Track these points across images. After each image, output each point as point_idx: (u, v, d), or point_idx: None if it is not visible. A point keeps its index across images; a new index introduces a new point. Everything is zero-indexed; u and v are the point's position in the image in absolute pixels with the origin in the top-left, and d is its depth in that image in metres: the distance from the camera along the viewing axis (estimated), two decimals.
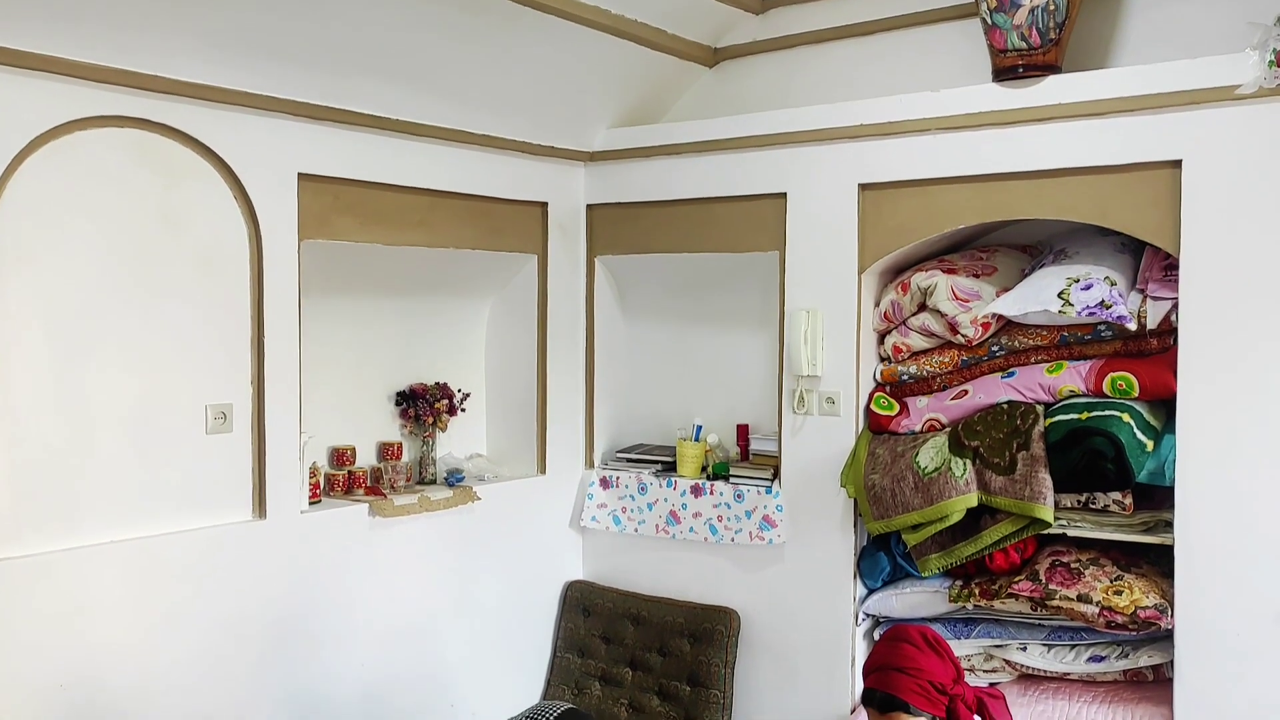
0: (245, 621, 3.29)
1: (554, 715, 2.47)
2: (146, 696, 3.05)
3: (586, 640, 4.31)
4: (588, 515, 4.40)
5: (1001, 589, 3.50)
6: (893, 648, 2.55)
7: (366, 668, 3.65)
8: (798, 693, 3.93)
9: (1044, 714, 3.40)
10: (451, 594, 3.95)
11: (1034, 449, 3.35)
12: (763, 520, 3.98)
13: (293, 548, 3.41)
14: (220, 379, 3.23)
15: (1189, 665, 3.17)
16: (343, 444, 3.85)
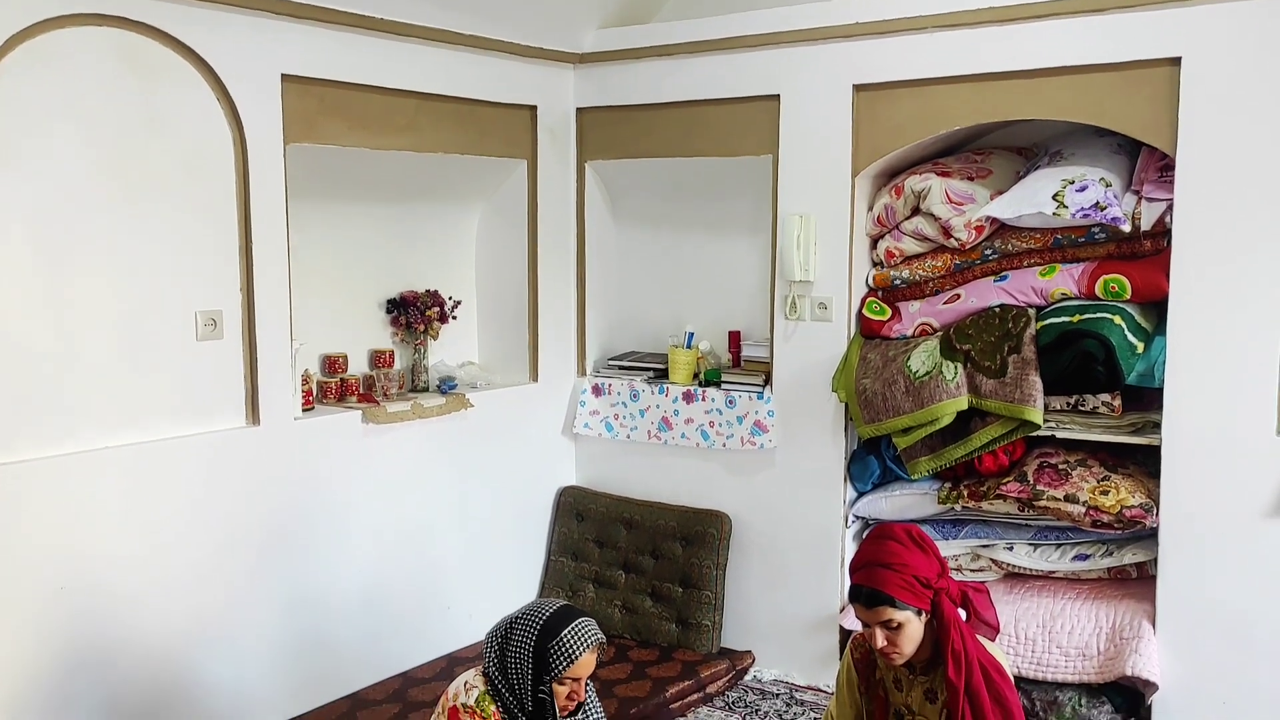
0: (242, 526, 3.32)
1: (550, 611, 2.51)
2: (145, 599, 3.10)
3: (580, 544, 4.37)
4: (580, 422, 4.42)
5: (989, 490, 3.55)
6: (878, 545, 2.58)
7: (363, 572, 3.71)
8: (788, 593, 4.01)
9: (1029, 611, 3.47)
10: (446, 499, 4.00)
11: (1025, 352, 3.37)
12: (754, 425, 4.01)
13: (287, 454, 3.43)
14: (209, 285, 3.21)
15: (1172, 562, 3.23)
16: (334, 352, 3.84)
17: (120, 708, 3.05)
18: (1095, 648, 3.32)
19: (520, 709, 2.47)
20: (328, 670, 3.59)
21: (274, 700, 3.43)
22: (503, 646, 2.48)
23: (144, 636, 3.10)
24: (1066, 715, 3.38)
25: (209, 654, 3.26)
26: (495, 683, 2.48)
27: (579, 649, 2.43)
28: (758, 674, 4.07)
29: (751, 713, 3.77)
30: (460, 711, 2.44)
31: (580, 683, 2.48)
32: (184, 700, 3.20)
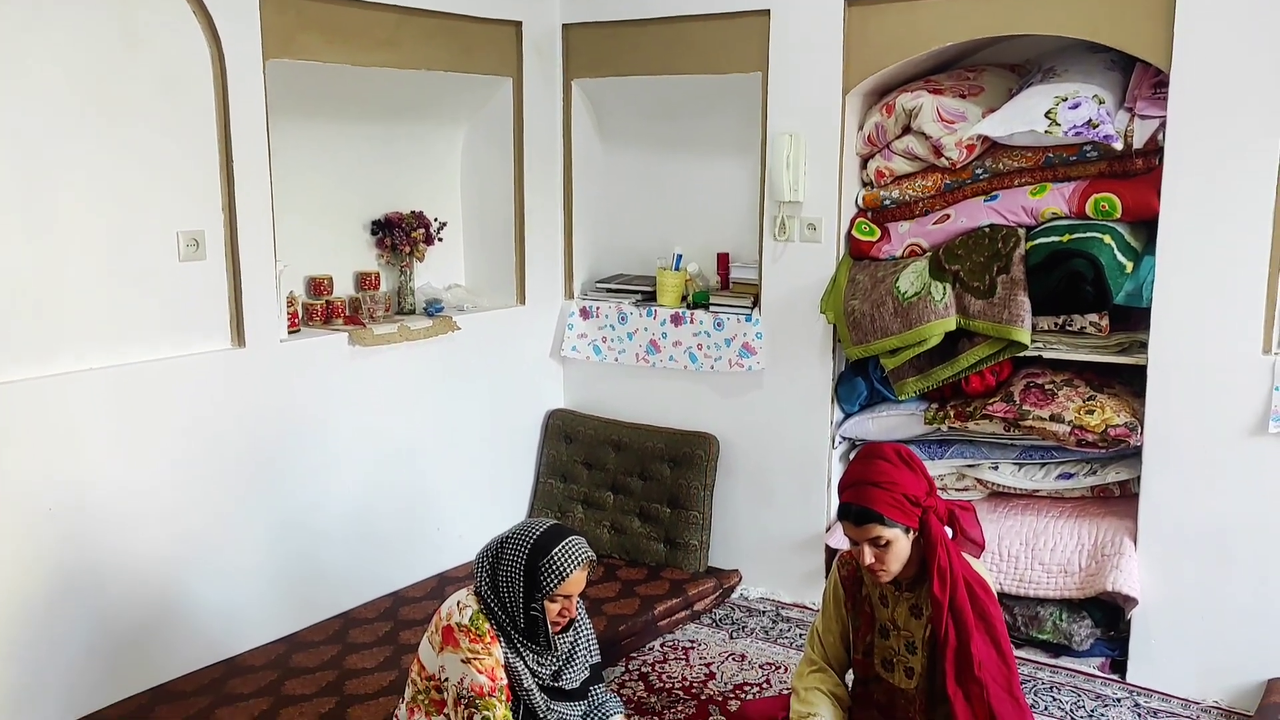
0: (229, 448, 3.32)
1: (541, 530, 2.52)
2: (134, 521, 3.10)
3: (569, 466, 4.39)
4: (568, 345, 4.41)
5: (976, 411, 3.57)
6: (867, 464, 2.60)
7: (352, 493, 3.72)
8: (775, 513, 4.05)
9: (1012, 529, 3.52)
10: (434, 422, 4.00)
11: (1014, 272, 3.36)
12: (742, 348, 4.01)
13: (273, 376, 3.42)
14: (190, 205, 3.16)
15: (1155, 481, 3.26)
16: (319, 274, 3.81)
17: (111, 629, 3.07)
18: (1077, 564, 3.37)
19: (513, 626, 2.50)
20: (319, 590, 3.62)
21: (266, 620, 3.46)
22: (494, 565, 2.50)
23: (133, 558, 3.11)
24: (1048, 630, 3.45)
25: (199, 575, 3.27)
26: (487, 601, 2.51)
27: (570, 567, 2.45)
28: (744, 592, 4.13)
29: (738, 629, 3.83)
30: (455, 630, 2.46)
31: (571, 600, 2.50)
32: (176, 621, 3.22)
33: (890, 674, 2.70)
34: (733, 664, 3.56)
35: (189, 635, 3.26)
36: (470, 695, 2.41)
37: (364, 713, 2.99)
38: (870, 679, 2.75)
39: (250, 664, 3.31)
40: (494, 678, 2.43)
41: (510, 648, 2.50)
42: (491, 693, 2.41)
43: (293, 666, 3.29)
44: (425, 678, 2.53)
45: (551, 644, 2.52)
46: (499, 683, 2.43)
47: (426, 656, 2.53)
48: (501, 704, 2.42)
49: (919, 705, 2.65)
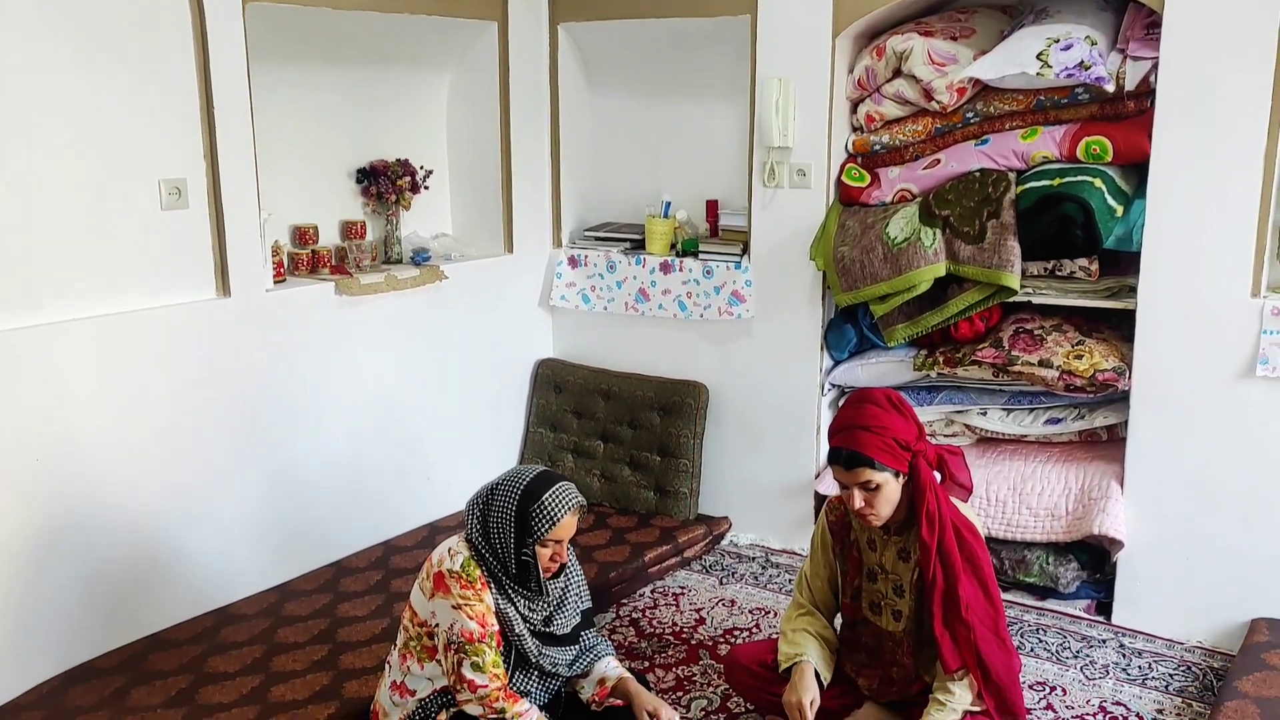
0: (217, 398, 3.30)
1: (531, 476, 2.52)
2: (123, 472, 3.09)
3: (558, 415, 4.39)
4: (556, 294, 4.39)
5: (965, 356, 3.57)
6: (858, 408, 2.60)
7: (342, 443, 3.71)
8: (764, 460, 4.06)
9: (1000, 474, 3.54)
10: (423, 372, 3.98)
11: (1004, 217, 3.34)
12: (731, 296, 3.99)
13: (259, 326, 3.39)
14: (171, 152, 3.11)
15: (1142, 425, 3.28)
16: (304, 223, 3.76)
17: (103, 579, 3.08)
18: (1064, 508, 3.40)
19: (504, 572, 2.51)
20: (310, 540, 3.63)
21: (258, 569, 3.47)
22: (485, 512, 2.50)
23: (123, 509, 3.10)
24: (1034, 573, 3.49)
25: (190, 525, 3.27)
26: (478, 548, 2.51)
27: (560, 512, 2.46)
28: (734, 539, 4.15)
29: (728, 575, 3.86)
30: (446, 577, 2.47)
31: (562, 545, 2.51)
32: (167, 571, 3.23)
33: (878, 617, 2.72)
34: (722, 609, 3.59)
35: (181, 585, 3.27)
36: (460, 641, 2.43)
37: (357, 659, 3.01)
38: (858, 622, 2.78)
39: (243, 613, 3.32)
40: (484, 624, 2.44)
41: (502, 594, 2.51)
42: (481, 639, 2.43)
43: (285, 615, 3.30)
44: (417, 624, 2.54)
45: (543, 589, 2.53)
46: (489, 629, 2.44)
47: (418, 603, 2.54)
48: (491, 649, 2.44)
49: (906, 647, 2.68)
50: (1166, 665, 3.17)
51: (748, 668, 2.86)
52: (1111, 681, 3.08)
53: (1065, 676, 3.11)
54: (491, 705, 2.42)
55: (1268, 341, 3.02)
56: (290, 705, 2.78)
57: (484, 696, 2.42)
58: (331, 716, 2.73)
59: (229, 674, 2.96)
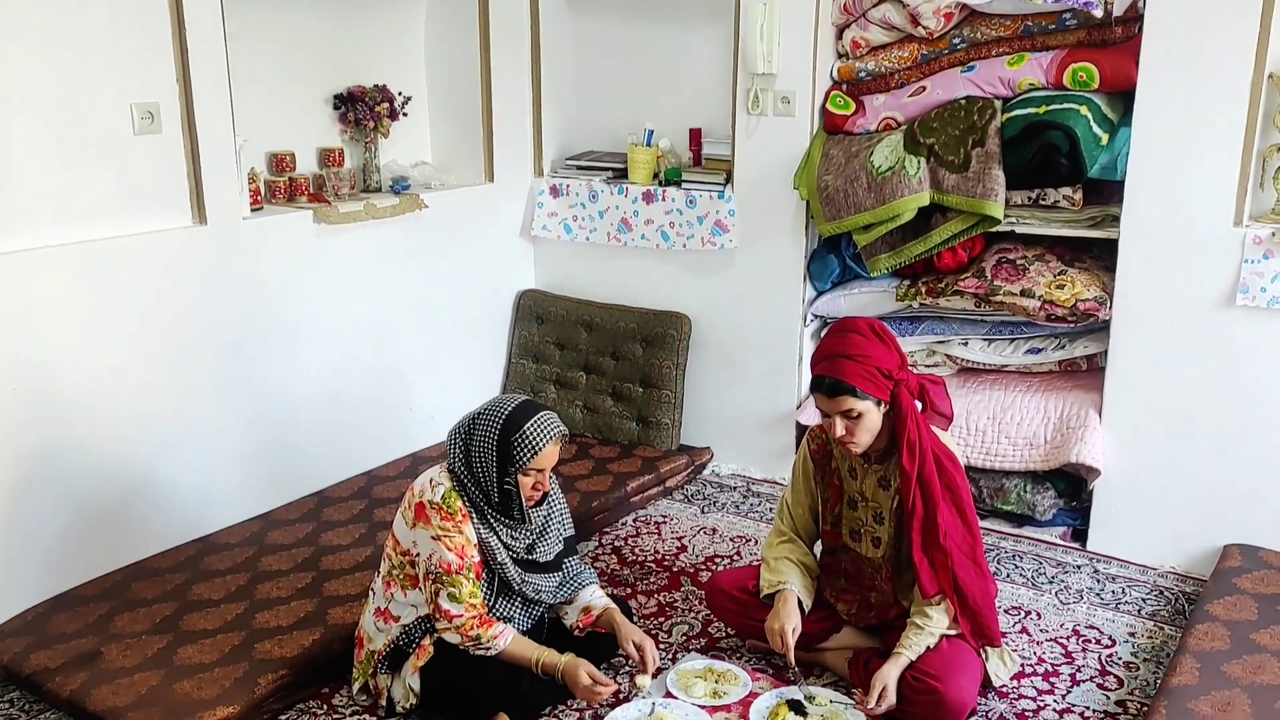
0: (196, 327, 3.28)
1: (512, 405, 2.52)
2: (102, 400, 3.07)
3: (541, 347, 4.38)
4: (538, 224, 4.35)
5: (947, 287, 3.57)
6: (841, 337, 2.60)
7: (323, 373, 3.70)
8: (746, 391, 4.07)
9: (980, 404, 3.56)
10: (404, 303, 3.96)
11: (989, 145, 3.32)
12: (715, 225, 3.96)
13: (237, 254, 3.35)
14: (143, 75, 3.04)
15: (1122, 354, 3.30)
16: (281, 150, 3.69)
17: (84, 508, 3.07)
18: (1042, 437, 3.43)
19: (487, 502, 2.52)
20: (292, 470, 3.63)
21: (240, 499, 3.47)
22: (467, 441, 2.50)
23: (103, 438, 3.09)
24: (1012, 501, 3.53)
25: (171, 455, 3.26)
26: (460, 478, 2.52)
27: (542, 441, 2.46)
28: (715, 469, 4.18)
29: (709, 504, 3.89)
30: (427, 507, 2.48)
31: (544, 474, 2.52)
32: (149, 500, 3.23)
33: (858, 544, 2.76)
34: (704, 537, 3.62)
35: (163, 514, 3.27)
36: (438, 571, 2.45)
37: (341, 587, 3.03)
38: (838, 549, 2.82)
39: (226, 541, 3.33)
40: (463, 555, 2.45)
41: (484, 523, 2.53)
42: (459, 570, 2.44)
43: (268, 544, 3.31)
44: (400, 552, 2.55)
45: (526, 517, 2.55)
46: (467, 560, 2.46)
47: (400, 531, 2.55)
48: (469, 580, 2.45)
49: (885, 573, 2.72)
50: (1139, 590, 3.23)
51: (729, 593, 2.89)
52: (1085, 606, 3.14)
53: (1040, 601, 3.17)
54: (467, 634, 2.46)
55: (1249, 271, 3.03)
56: (275, 631, 2.80)
57: (459, 626, 2.45)
58: (316, 642, 2.75)
59: (213, 601, 2.97)
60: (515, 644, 2.51)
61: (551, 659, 2.51)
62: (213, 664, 2.67)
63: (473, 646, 2.47)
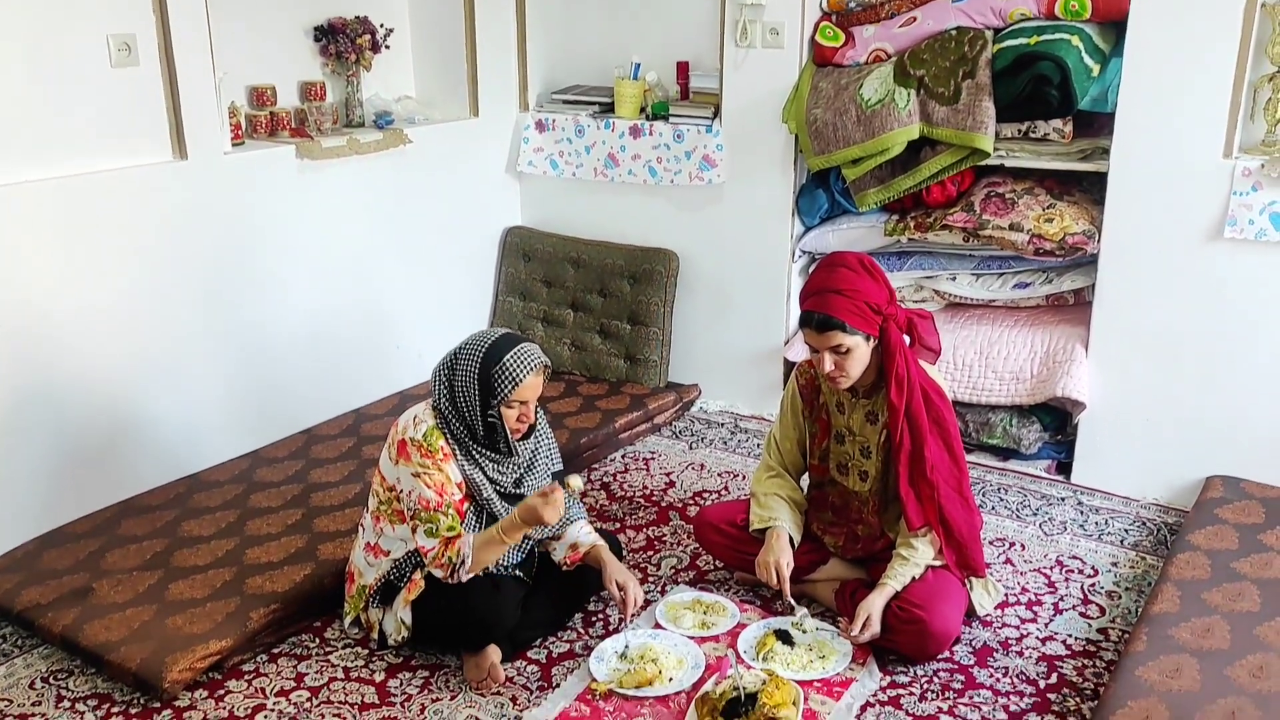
0: (179, 264, 3.25)
1: (493, 338, 2.52)
2: (85, 338, 3.05)
3: (528, 284, 4.36)
4: (524, 159, 4.30)
5: (936, 221, 3.56)
6: (830, 272, 2.59)
7: (309, 312, 3.67)
8: (734, 327, 4.07)
9: (967, 338, 3.57)
10: (389, 240, 3.92)
11: (979, 77, 3.29)
12: (702, 160, 3.93)
13: (219, 189, 3.31)
14: (119, 6, 2.97)
15: (1109, 288, 3.30)
16: (261, 83, 3.63)
17: (72, 446, 3.07)
18: (1028, 371, 3.44)
19: (471, 437, 2.52)
20: (280, 408, 3.62)
21: (228, 437, 3.47)
22: (449, 376, 2.50)
23: (89, 376, 3.07)
24: (998, 435, 3.55)
25: (158, 393, 3.25)
26: (445, 414, 2.52)
27: (522, 372, 2.46)
28: (703, 405, 4.19)
29: (698, 440, 3.91)
30: (409, 444, 2.48)
31: (528, 405, 2.51)
32: (137, 438, 3.22)
33: (845, 478, 2.78)
34: (692, 473, 3.64)
35: (151, 452, 3.26)
36: (417, 508, 2.46)
37: (330, 523, 3.04)
38: (825, 483, 2.84)
39: (215, 479, 3.33)
40: (442, 493, 2.46)
41: (469, 459, 2.53)
42: (438, 507, 2.45)
43: (257, 481, 3.32)
44: (386, 488, 2.56)
45: (512, 450, 2.55)
46: (447, 498, 2.46)
47: (386, 468, 2.56)
48: (447, 517, 2.45)
49: (872, 506, 2.74)
50: (1122, 521, 3.27)
51: (717, 527, 2.92)
52: (1068, 537, 3.18)
53: (1024, 533, 3.21)
54: (441, 564, 2.46)
55: (1237, 203, 3.02)
56: (266, 567, 2.82)
57: (434, 559, 2.46)
58: (307, 577, 2.77)
59: (203, 537, 2.98)
60: (478, 541, 2.46)
61: (508, 520, 2.46)
62: (204, 599, 2.68)
63: (451, 571, 2.45)
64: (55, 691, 2.50)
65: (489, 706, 2.44)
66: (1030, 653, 2.63)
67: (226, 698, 2.48)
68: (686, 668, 2.53)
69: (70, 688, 2.51)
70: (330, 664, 2.60)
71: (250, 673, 2.57)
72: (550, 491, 2.43)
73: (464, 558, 2.44)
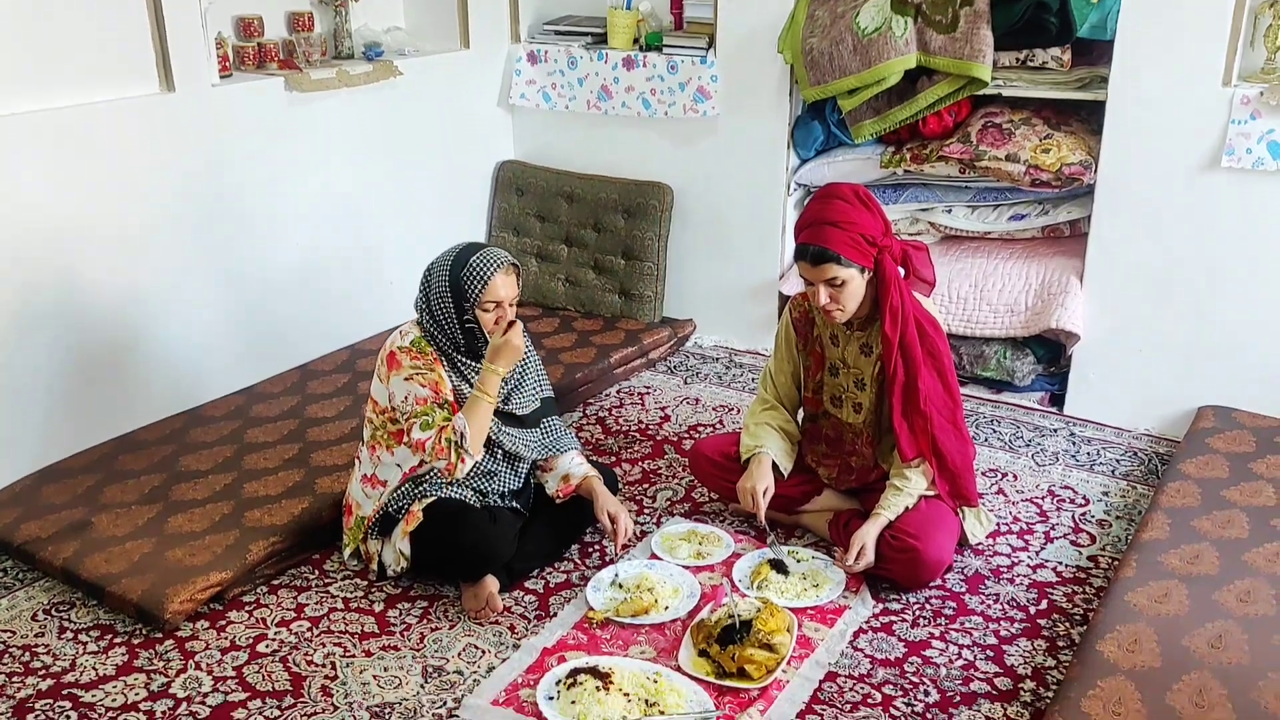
0: (169, 198, 3.21)
1: (460, 247, 2.54)
2: (77, 273, 3.03)
3: (521, 219, 4.33)
4: (516, 92, 4.24)
5: (932, 153, 3.53)
6: (826, 203, 2.57)
7: (301, 247, 3.65)
8: (729, 262, 4.05)
9: (962, 271, 3.56)
10: (381, 175, 3.88)
11: (978, 4, 3.24)
12: (697, 92, 3.88)
13: (208, 122, 3.27)
14: None
15: (1105, 219, 3.29)
16: (248, 13, 3.56)
17: (66, 382, 3.06)
18: (1023, 304, 3.44)
19: (454, 347, 2.55)
20: (274, 344, 3.62)
21: (223, 373, 3.47)
22: (426, 291, 2.55)
23: (80, 311, 3.06)
24: (991, 367, 3.56)
25: (150, 328, 3.24)
26: (428, 329, 2.55)
27: (489, 270, 2.47)
28: (698, 340, 4.19)
29: (692, 375, 3.91)
30: (398, 353, 2.52)
31: (502, 306, 2.51)
32: (130, 372, 3.22)
33: (839, 410, 2.79)
34: (687, 407, 3.66)
35: (146, 388, 3.26)
36: (413, 408, 2.47)
37: (327, 457, 3.05)
38: (819, 415, 2.85)
39: (211, 414, 3.33)
40: (437, 390, 2.49)
41: (455, 372, 2.56)
42: (435, 402, 2.47)
43: (254, 416, 3.32)
44: (379, 412, 2.58)
45: None
46: (442, 395, 2.49)
47: (377, 391, 2.58)
48: (443, 409, 2.47)
49: (865, 438, 2.76)
50: (1114, 452, 3.29)
51: (711, 458, 2.94)
52: (1060, 467, 3.20)
53: (1017, 464, 3.23)
54: (441, 451, 2.44)
55: (1235, 131, 3.00)
56: (264, 501, 2.83)
57: (432, 450, 2.45)
58: (306, 510, 2.79)
59: (201, 472, 3.00)
60: (468, 414, 2.46)
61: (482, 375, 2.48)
62: (204, 532, 2.70)
63: (450, 451, 2.43)
64: (58, 623, 2.53)
65: (487, 635, 2.48)
66: (1021, 580, 2.67)
67: (228, 628, 2.51)
68: (682, 596, 2.56)
69: (72, 619, 2.54)
70: (330, 595, 2.63)
71: (251, 604, 2.60)
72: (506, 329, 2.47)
73: (461, 432, 2.43)
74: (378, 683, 2.32)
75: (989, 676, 2.33)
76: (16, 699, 2.27)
